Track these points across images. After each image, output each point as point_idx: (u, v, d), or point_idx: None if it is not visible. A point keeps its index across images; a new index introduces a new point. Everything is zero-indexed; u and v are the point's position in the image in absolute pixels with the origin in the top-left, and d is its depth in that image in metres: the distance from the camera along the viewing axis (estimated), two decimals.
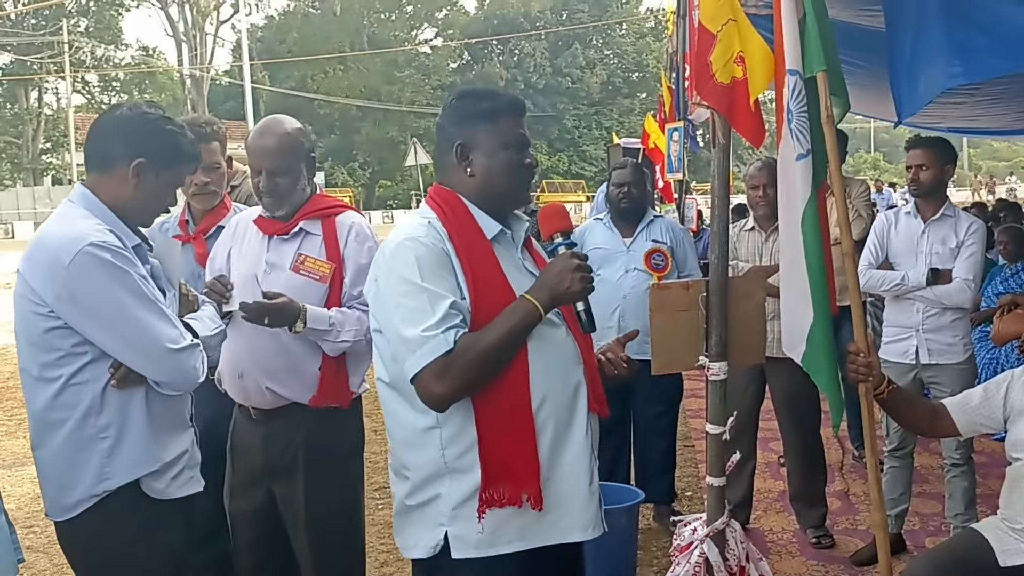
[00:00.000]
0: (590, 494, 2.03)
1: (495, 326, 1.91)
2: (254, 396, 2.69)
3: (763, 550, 3.91)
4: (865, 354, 2.56)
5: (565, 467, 1.99)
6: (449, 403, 1.90)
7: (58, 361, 2.12)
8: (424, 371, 1.86)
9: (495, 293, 1.96)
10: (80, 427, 2.13)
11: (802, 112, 2.54)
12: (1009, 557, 2.64)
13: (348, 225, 2.68)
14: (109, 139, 2.21)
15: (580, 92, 47.97)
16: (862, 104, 6.83)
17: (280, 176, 2.63)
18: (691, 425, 6.20)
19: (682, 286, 2.87)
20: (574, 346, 2.06)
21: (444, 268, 1.93)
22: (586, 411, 2.05)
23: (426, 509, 1.98)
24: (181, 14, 45.62)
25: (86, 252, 2.07)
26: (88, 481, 2.14)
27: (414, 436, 1.97)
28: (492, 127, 2.04)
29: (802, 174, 2.54)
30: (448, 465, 1.94)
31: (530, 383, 1.94)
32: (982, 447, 5.15)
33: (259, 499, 2.74)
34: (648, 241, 4.27)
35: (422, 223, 2.00)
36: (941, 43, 3.12)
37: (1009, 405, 2.74)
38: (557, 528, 1.99)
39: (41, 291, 2.09)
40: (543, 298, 1.93)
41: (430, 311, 1.87)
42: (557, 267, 1.96)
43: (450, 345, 1.86)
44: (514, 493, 1.93)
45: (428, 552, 1.97)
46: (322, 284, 2.62)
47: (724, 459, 2.76)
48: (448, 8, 52.31)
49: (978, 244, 3.83)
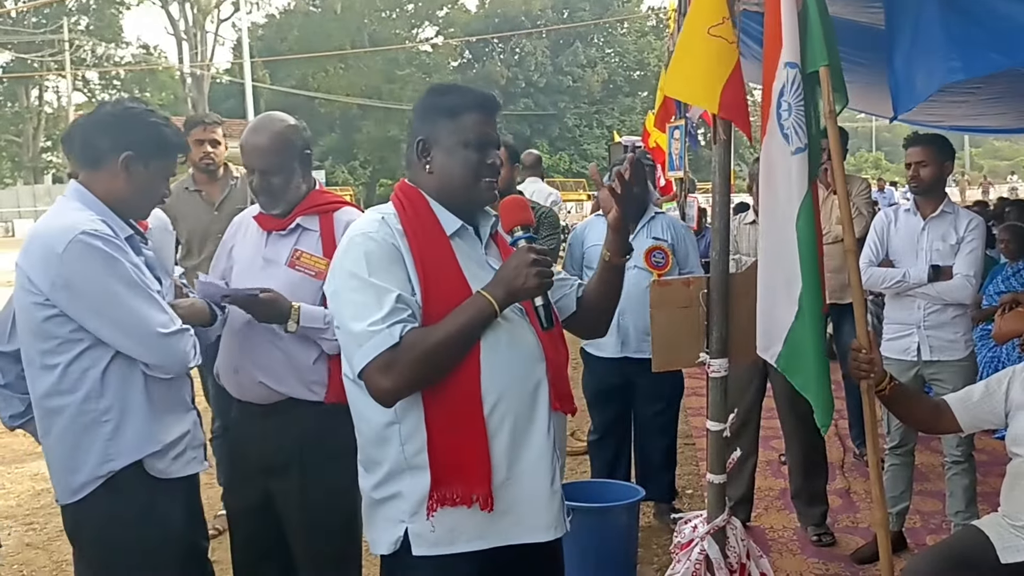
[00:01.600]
0: (551, 494, 2.00)
1: (446, 322, 1.88)
2: (249, 391, 2.69)
3: (764, 548, 3.91)
4: (867, 351, 2.55)
5: (525, 466, 1.96)
6: (395, 398, 1.88)
7: (57, 348, 2.20)
8: (370, 366, 1.85)
9: (449, 289, 1.93)
10: (82, 411, 2.22)
11: (799, 105, 2.52)
12: (1010, 554, 2.64)
13: (346, 222, 2.67)
14: (96, 136, 2.29)
15: (581, 90, 47.90)
16: (863, 101, 6.84)
17: (273, 175, 2.63)
18: (692, 423, 6.20)
19: (683, 283, 2.86)
20: (535, 343, 2.01)
21: (393, 263, 1.91)
22: (547, 409, 1.99)
23: (389, 505, 1.98)
24: (182, 12, 45.58)
25: (78, 240, 2.15)
26: (93, 463, 2.23)
27: (377, 431, 1.97)
28: (453, 124, 2.01)
29: (798, 170, 2.50)
30: (408, 461, 1.93)
31: (484, 381, 1.91)
32: (983, 445, 5.14)
33: (256, 495, 2.74)
34: (649, 238, 4.26)
35: (375, 219, 1.98)
36: (939, 38, 3.12)
37: (1010, 401, 2.74)
38: (518, 528, 1.97)
39: (37, 280, 2.17)
40: (498, 294, 1.90)
41: (376, 305, 1.86)
42: (513, 262, 1.92)
43: (395, 339, 1.84)
44: (464, 493, 1.91)
45: (390, 548, 1.97)
46: (318, 280, 2.61)
47: (725, 456, 2.76)
48: (449, 6, 52.26)
49: (978, 240, 3.83)
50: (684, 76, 2.78)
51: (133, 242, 2.31)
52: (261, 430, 2.72)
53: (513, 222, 2.00)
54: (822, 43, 2.48)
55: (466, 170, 2.01)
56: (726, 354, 2.71)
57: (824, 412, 2.53)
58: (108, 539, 2.28)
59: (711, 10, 2.59)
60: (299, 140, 2.69)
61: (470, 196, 2.04)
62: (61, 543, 4.25)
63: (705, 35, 2.58)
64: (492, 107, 2.06)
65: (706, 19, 2.59)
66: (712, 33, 2.56)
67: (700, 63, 2.64)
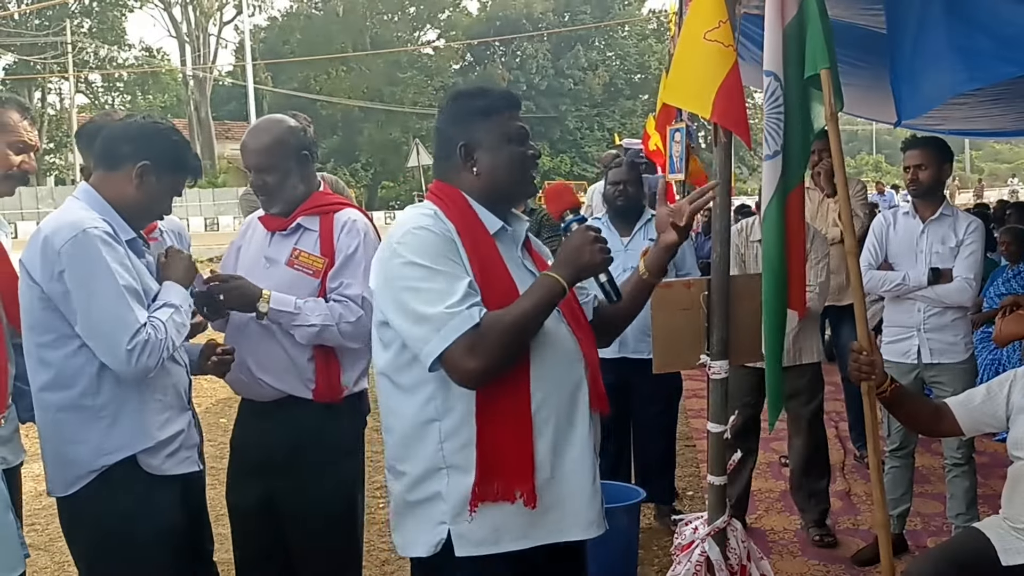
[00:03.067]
0: (593, 492, 2.03)
1: (520, 302, 1.90)
2: (250, 388, 2.71)
3: (764, 550, 3.91)
4: (868, 352, 2.56)
5: (568, 465, 1.98)
6: (484, 379, 1.87)
7: (54, 343, 2.26)
8: (453, 347, 1.83)
9: (500, 287, 1.95)
10: (78, 406, 2.27)
11: (773, 112, 2.54)
12: (1010, 556, 2.64)
13: (344, 221, 2.70)
14: (119, 141, 2.37)
15: (582, 93, 47.96)
16: (863, 106, 6.83)
17: (267, 174, 2.65)
18: (692, 425, 6.20)
19: (684, 284, 2.86)
20: (575, 343, 2.05)
21: (453, 254, 1.93)
22: (587, 409, 2.03)
23: (426, 506, 1.97)
24: (184, 15, 45.67)
25: (78, 237, 2.21)
26: (87, 456, 2.28)
27: (413, 430, 1.96)
28: (491, 123, 2.04)
29: (768, 174, 2.56)
30: (446, 460, 1.93)
31: (532, 377, 1.93)
32: (983, 447, 5.14)
33: (256, 493, 2.74)
34: (645, 240, 4.26)
35: (428, 213, 2.00)
36: (943, 45, 3.11)
37: (1012, 404, 2.74)
38: (560, 526, 1.99)
39: (36, 274, 2.24)
40: (566, 273, 1.93)
41: (449, 290, 1.86)
42: (575, 242, 1.96)
43: (476, 320, 1.84)
44: (507, 489, 1.91)
45: (429, 550, 1.96)
46: (315, 279, 2.64)
47: (725, 458, 2.76)
48: (451, 9, 52.31)
49: (978, 243, 3.83)
50: (680, 82, 2.81)
51: (135, 245, 2.37)
52: (261, 428, 2.74)
53: (563, 206, 2.05)
54: (823, 46, 2.49)
55: (514, 165, 2.06)
56: (727, 356, 2.71)
57: (772, 407, 2.68)
58: (101, 532, 2.31)
59: (708, 15, 2.60)
60: (295, 140, 2.70)
61: (519, 189, 2.10)
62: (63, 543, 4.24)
63: (701, 40, 2.59)
64: (517, 102, 2.13)
65: (703, 24, 2.61)
66: (708, 38, 2.58)
67: (695, 68, 2.66)
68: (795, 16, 2.58)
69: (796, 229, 2.67)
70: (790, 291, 2.72)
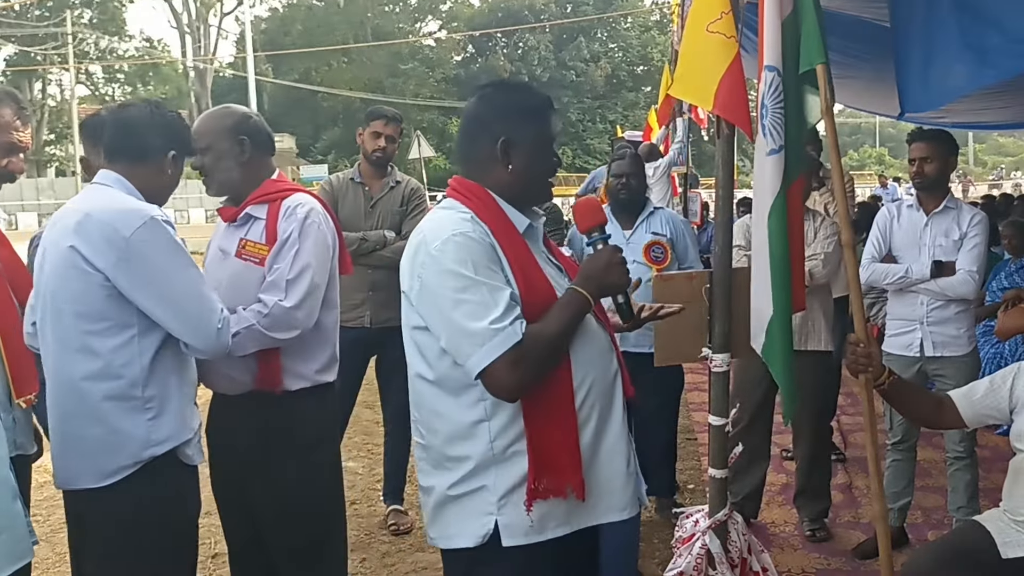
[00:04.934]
0: (628, 475, 2.09)
1: (554, 317, 1.95)
2: (216, 381, 2.71)
3: (765, 543, 3.91)
4: (864, 344, 2.55)
5: (606, 452, 2.04)
6: (521, 393, 1.92)
7: (106, 331, 2.25)
8: (496, 363, 1.87)
9: (540, 289, 1.99)
10: (126, 396, 2.27)
11: (777, 108, 2.54)
12: (1011, 549, 2.64)
13: (288, 207, 2.68)
14: (147, 132, 2.41)
15: (584, 85, 47.85)
16: (865, 99, 6.82)
17: (203, 155, 2.69)
18: (694, 418, 6.20)
19: (686, 277, 2.86)
20: (607, 337, 2.12)
21: (494, 262, 1.94)
22: (623, 397, 2.10)
23: (472, 498, 1.99)
24: (185, 6, 45.66)
25: (148, 224, 2.25)
26: (135, 447, 2.28)
27: (462, 430, 1.98)
28: (540, 125, 2.07)
29: (773, 169, 2.55)
30: (496, 456, 1.97)
31: (574, 374, 1.98)
32: (985, 441, 5.14)
33: (233, 486, 2.76)
34: (648, 233, 4.26)
35: (464, 217, 1.98)
36: (953, 40, 3.08)
37: (1015, 397, 2.73)
38: (598, 510, 2.05)
39: (97, 260, 2.22)
40: (592, 289, 2.00)
41: (493, 304, 1.88)
42: (603, 260, 2.03)
43: (519, 336, 1.88)
44: (559, 485, 1.96)
45: (476, 541, 1.99)
46: (261, 267, 2.63)
47: (727, 451, 2.76)
48: (452, 0, 52.22)
49: (981, 236, 3.82)
50: (684, 74, 2.80)
51: None
52: (230, 421, 2.74)
53: (590, 223, 2.11)
54: (818, 41, 2.47)
55: (546, 168, 2.10)
56: (728, 348, 2.71)
57: (788, 402, 2.67)
58: (139, 522, 2.32)
59: (710, 6, 2.60)
60: (232, 125, 2.70)
61: (544, 193, 2.14)
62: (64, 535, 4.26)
63: (704, 32, 2.59)
64: (554, 106, 2.16)
65: (705, 16, 2.60)
66: (710, 30, 2.58)
67: (698, 60, 2.66)
68: (792, 11, 2.57)
69: (795, 224, 2.66)
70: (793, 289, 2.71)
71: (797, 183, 2.63)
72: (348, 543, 3.02)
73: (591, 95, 48.20)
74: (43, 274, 2.34)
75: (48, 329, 2.32)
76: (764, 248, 2.59)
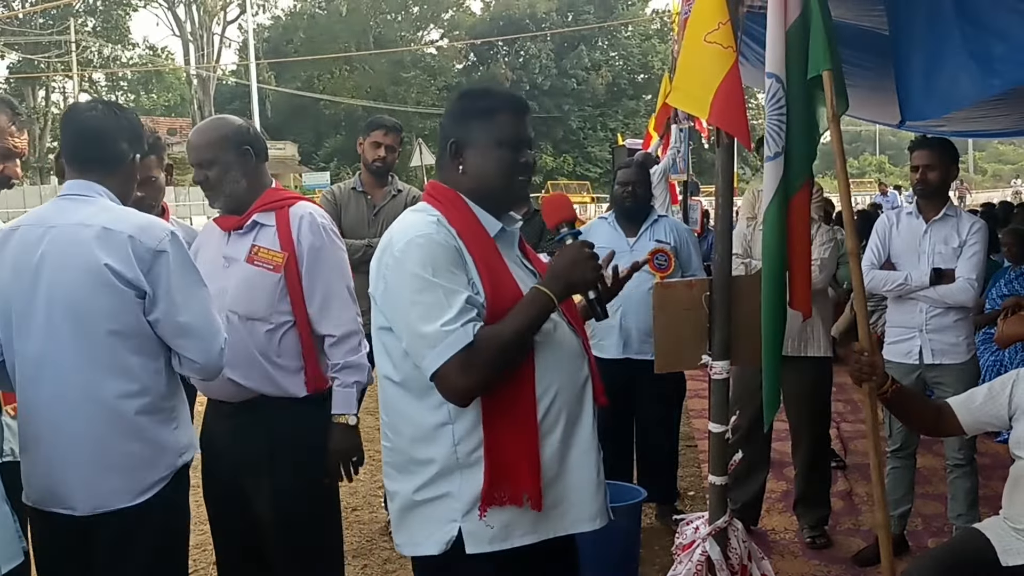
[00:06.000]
0: (597, 485, 2.06)
1: (512, 318, 1.91)
2: (219, 388, 2.70)
3: (765, 550, 3.91)
4: (868, 353, 2.56)
5: (574, 461, 2.01)
6: (473, 397, 1.90)
7: (140, 348, 2.26)
8: (446, 365, 1.86)
9: (507, 292, 1.96)
10: (157, 409, 2.31)
11: (776, 114, 2.55)
12: (1010, 557, 2.65)
13: (300, 215, 2.71)
14: (116, 140, 2.35)
15: (585, 93, 47.92)
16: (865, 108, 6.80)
17: (208, 168, 2.69)
18: (694, 425, 6.21)
19: (686, 285, 2.88)
20: (578, 341, 2.08)
21: (456, 265, 1.93)
22: (593, 404, 2.07)
23: (436, 505, 1.97)
24: (188, 14, 45.67)
25: (171, 238, 2.28)
26: (171, 457, 2.33)
27: (425, 433, 1.97)
28: (487, 124, 2.03)
29: (770, 175, 2.57)
30: (460, 461, 1.95)
31: (538, 381, 1.95)
32: (985, 449, 5.14)
33: (231, 495, 2.75)
34: (652, 241, 4.28)
35: (430, 220, 1.99)
36: (957, 50, 3.09)
37: (1014, 404, 2.74)
38: (566, 520, 2.02)
39: (130, 275, 2.21)
40: (556, 288, 1.94)
41: (446, 305, 1.87)
42: (569, 256, 1.97)
43: (470, 338, 1.86)
44: (515, 493, 1.93)
45: (440, 548, 1.96)
46: (275, 273, 2.65)
47: (727, 458, 2.77)
48: (454, 9, 52.33)
49: (981, 244, 3.83)
50: (681, 83, 2.82)
51: None
52: (231, 428, 2.74)
53: (558, 218, 2.04)
54: (825, 47, 2.49)
55: (500, 168, 2.04)
56: (728, 356, 2.72)
57: (769, 406, 2.70)
58: (172, 532, 2.37)
59: (708, 17, 2.62)
60: (235, 136, 2.71)
61: (506, 194, 2.08)
62: None
63: (702, 42, 2.61)
64: (523, 108, 2.11)
65: (703, 26, 2.62)
66: (708, 40, 2.59)
67: (695, 70, 2.68)
68: (798, 17, 2.59)
69: (801, 232, 2.67)
70: (794, 292, 2.72)
71: (802, 190, 2.64)
72: (350, 550, 3.02)
73: (592, 103, 48.26)
74: (42, 289, 2.22)
75: (67, 348, 2.22)
76: None
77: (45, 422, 2.26)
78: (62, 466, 2.24)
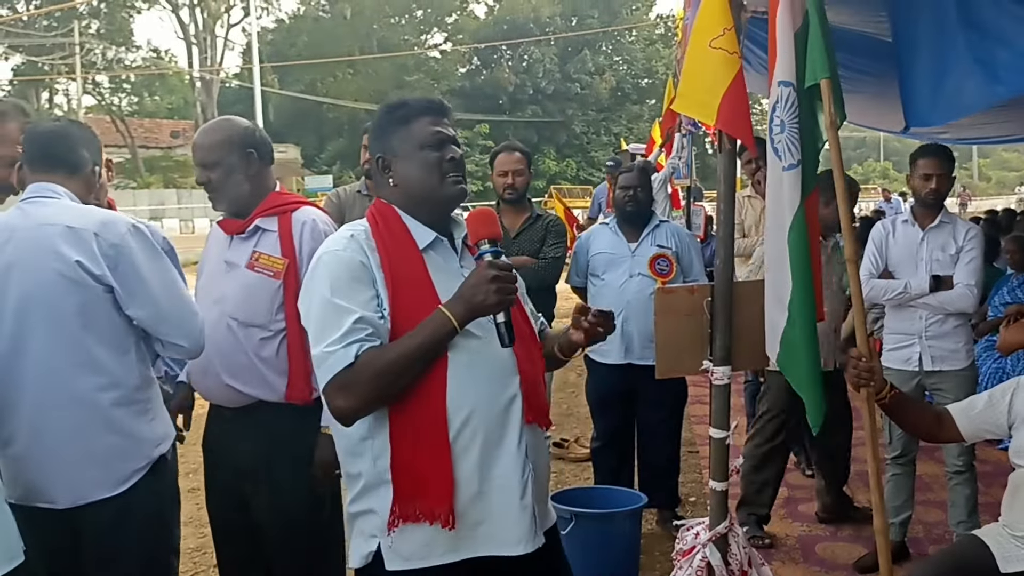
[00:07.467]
0: (521, 508, 1.96)
1: (404, 340, 1.87)
2: (218, 394, 2.71)
3: (766, 555, 3.92)
4: (866, 359, 2.56)
5: (495, 481, 1.94)
6: (353, 417, 1.89)
7: (112, 341, 2.33)
8: (327, 386, 1.85)
9: (419, 305, 1.91)
10: (132, 401, 2.37)
11: (794, 123, 2.55)
12: (1010, 564, 2.65)
13: (303, 221, 2.70)
14: (79, 147, 2.50)
15: (589, 98, 47.98)
16: (868, 116, 6.82)
17: (211, 170, 2.68)
18: (695, 431, 6.20)
19: (687, 290, 2.88)
20: (508, 357, 1.97)
21: (359, 282, 1.90)
22: (520, 424, 1.97)
23: (363, 519, 1.98)
24: (192, 17, 45.79)
25: (133, 230, 2.35)
26: (147, 447, 2.40)
27: (353, 446, 1.97)
28: (406, 132, 2.02)
29: (790, 185, 2.55)
30: (380, 476, 1.92)
31: (452, 399, 1.89)
32: (985, 456, 5.14)
33: (232, 500, 2.76)
34: (653, 246, 4.28)
35: (345, 236, 1.98)
36: (963, 57, 3.09)
37: (1014, 412, 2.74)
38: (489, 540, 1.94)
39: (96, 270, 2.27)
40: (458, 310, 1.87)
41: (335, 326, 1.86)
42: (473, 279, 1.88)
43: (351, 359, 1.83)
44: (427, 510, 1.89)
45: (361, 562, 1.97)
46: (276, 280, 2.63)
47: (727, 463, 2.78)
48: (458, 13, 52.43)
49: (977, 249, 3.85)
50: (686, 90, 2.82)
51: None
52: (230, 433, 2.74)
53: (479, 235, 1.94)
54: (823, 55, 2.49)
55: (426, 170, 2.01)
56: (729, 362, 2.73)
57: (815, 411, 2.61)
58: (155, 521, 2.41)
59: (713, 23, 2.62)
60: (240, 139, 2.70)
61: (438, 195, 2.02)
62: None
63: (707, 48, 2.61)
64: (440, 108, 2.07)
65: (708, 32, 2.63)
66: (713, 46, 2.60)
67: (701, 76, 2.68)
68: (801, 25, 2.59)
69: (813, 238, 2.67)
70: None
71: (812, 196, 2.65)
72: None
73: (596, 108, 48.32)
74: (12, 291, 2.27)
75: (41, 346, 2.27)
76: (782, 262, 2.57)
77: (22, 419, 2.29)
78: (41, 461, 2.29)
